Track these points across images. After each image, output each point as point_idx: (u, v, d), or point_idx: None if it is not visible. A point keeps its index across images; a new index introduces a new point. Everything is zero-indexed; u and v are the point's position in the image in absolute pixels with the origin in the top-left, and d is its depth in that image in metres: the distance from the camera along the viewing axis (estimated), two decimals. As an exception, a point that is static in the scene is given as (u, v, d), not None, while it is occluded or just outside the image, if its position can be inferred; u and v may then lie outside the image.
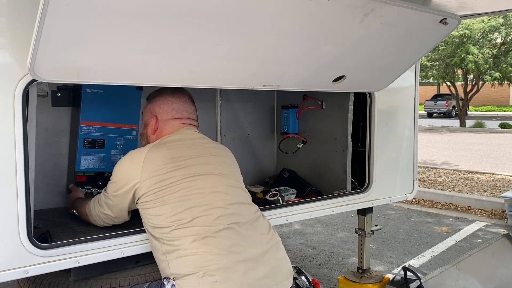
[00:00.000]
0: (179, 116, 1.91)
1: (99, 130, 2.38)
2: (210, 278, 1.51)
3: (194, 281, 1.52)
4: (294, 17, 1.59)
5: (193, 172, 1.71)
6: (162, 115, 1.90)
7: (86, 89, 2.33)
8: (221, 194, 1.72)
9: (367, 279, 3.01)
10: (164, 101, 1.92)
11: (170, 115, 1.90)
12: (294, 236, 5.32)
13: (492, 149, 13.56)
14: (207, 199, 1.67)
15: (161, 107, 1.91)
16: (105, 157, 2.42)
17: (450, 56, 19.02)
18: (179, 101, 1.93)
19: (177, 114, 1.90)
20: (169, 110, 1.90)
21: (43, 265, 1.61)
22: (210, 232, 1.60)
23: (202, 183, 1.70)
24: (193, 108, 1.98)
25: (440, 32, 2.00)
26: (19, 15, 1.50)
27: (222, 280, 1.52)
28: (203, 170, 1.74)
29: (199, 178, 1.71)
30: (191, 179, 1.69)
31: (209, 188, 1.70)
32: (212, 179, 1.74)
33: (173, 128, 1.88)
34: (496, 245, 2.96)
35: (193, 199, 1.65)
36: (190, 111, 1.95)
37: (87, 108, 2.34)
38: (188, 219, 1.61)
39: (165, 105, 1.91)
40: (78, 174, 2.37)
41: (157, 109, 1.92)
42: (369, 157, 2.70)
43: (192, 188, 1.67)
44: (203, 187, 1.69)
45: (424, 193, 7.26)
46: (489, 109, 36.84)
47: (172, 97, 1.92)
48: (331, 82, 2.16)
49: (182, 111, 1.92)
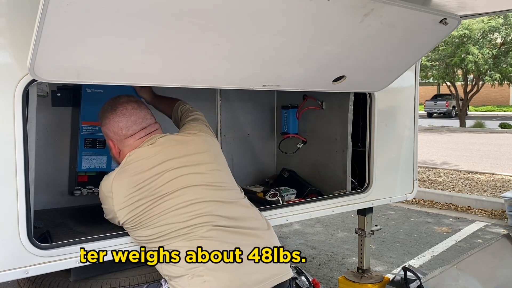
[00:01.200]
0: (130, 133, 1.81)
1: (99, 130, 2.37)
2: (199, 279, 1.54)
3: (185, 282, 1.55)
4: (294, 17, 1.59)
5: (161, 193, 1.67)
6: (115, 138, 1.83)
7: (86, 89, 2.33)
8: (198, 204, 1.68)
9: (367, 279, 3.01)
10: (110, 123, 1.83)
11: (122, 135, 1.81)
12: (294, 236, 5.32)
13: (492, 149, 13.56)
14: (183, 212, 1.65)
15: (110, 129, 1.83)
16: (106, 157, 2.41)
17: (450, 56, 19.02)
18: (124, 118, 1.82)
19: (128, 132, 1.81)
20: (118, 131, 1.81)
21: (43, 265, 1.61)
22: (196, 237, 1.62)
23: (175, 201, 1.67)
24: (142, 114, 1.85)
25: (440, 32, 2.00)
26: (19, 15, 1.50)
27: (211, 279, 1.54)
28: (172, 187, 1.69)
29: (170, 197, 1.67)
30: (161, 200, 1.66)
31: (182, 203, 1.67)
32: (183, 192, 1.69)
33: (131, 147, 1.80)
34: (496, 245, 2.96)
35: (169, 217, 1.64)
36: (140, 120, 1.83)
37: (87, 108, 2.34)
38: (170, 234, 1.63)
39: (113, 126, 1.82)
40: (79, 174, 2.37)
41: (108, 132, 1.85)
42: (369, 157, 2.70)
43: (165, 208, 1.66)
44: (176, 203, 1.66)
45: (424, 193, 7.26)
46: (489, 109, 36.84)
47: (115, 116, 1.82)
48: (331, 82, 2.16)
49: (131, 126, 1.81)
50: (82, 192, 2.37)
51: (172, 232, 1.63)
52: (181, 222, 1.64)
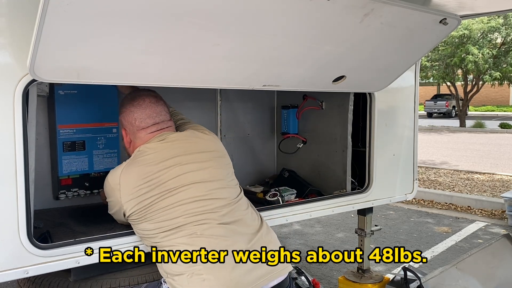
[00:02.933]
0: (143, 125, 1.85)
1: (77, 131, 2.32)
2: (198, 277, 1.55)
3: (184, 281, 1.56)
4: (294, 17, 1.59)
5: (168, 187, 1.70)
6: (129, 128, 1.88)
7: (59, 91, 2.23)
8: (201, 202, 1.71)
9: (367, 279, 3.01)
10: (126, 112, 1.88)
11: (135, 126, 1.85)
12: (294, 236, 5.32)
13: (492, 149, 13.56)
14: (188, 208, 1.68)
15: (125, 118, 1.88)
16: (87, 159, 2.37)
17: (450, 56, 19.01)
18: (140, 109, 1.85)
19: (141, 124, 1.85)
20: (132, 121, 1.85)
21: (43, 265, 1.61)
22: (196, 235, 1.63)
23: (180, 196, 1.69)
24: (158, 110, 1.88)
25: (440, 32, 2.00)
26: (19, 15, 1.50)
27: (210, 278, 1.55)
28: (179, 182, 1.71)
29: (176, 192, 1.70)
30: (168, 195, 1.69)
31: (187, 199, 1.69)
32: (188, 188, 1.72)
33: (142, 140, 1.84)
34: (496, 245, 2.96)
35: (174, 212, 1.67)
36: (154, 115, 1.86)
37: (62, 110, 2.26)
38: (173, 230, 1.65)
39: (128, 116, 1.87)
40: (62, 178, 2.32)
41: (123, 121, 1.90)
42: (369, 157, 2.70)
43: (171, 203, 1.68)
44: (182, 199, 1.69)
45: (424, 193, 7.26)
46: (489, 109, 36.84)
47: (132, 106, 1.86)
48: (331, 82, 2.16)
49: (145, 118, 1.85)
50: (67, 196, 2.33)
51: (174, 228, 1.64)
52: (184, 217, 1.65)
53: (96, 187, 2.43)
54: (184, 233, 1.63)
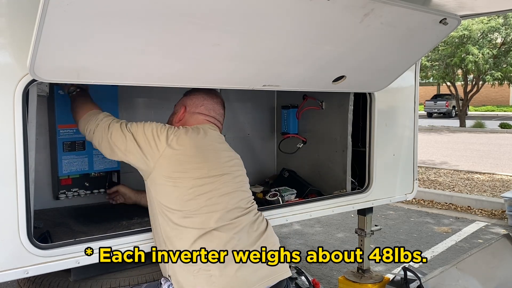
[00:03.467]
0: (206, 112, 1.97)
1: (77, 131, 2.26)
2: (205, 273, 1.56)
3: (190, 276, 1.57)
4: (294, 17, 1.59)
5: (208, 167, 1.76)
6: (191, 107, 1.98)
7: (59, 91, 2.22)
8: (227, 196, 1.75)
9: (367, 279, 3.01)
10: (197, 96, 2.00)
11: (198, 109, 1.97)
12: (294, 236, 5.32)
13: (492, 149, 13.56)
14: (212, 198, 1.71)
15: (192, 100, 2.00)
16: (87, 159, 2.37)
17: (450, 56, 19.01)
18: (211, 100, 2.00)
19: (204, 111, 1.97)
20: (199, 105, 1.98)
21: (43, 265, 1.61)
22: (208, 229, 1.64)
23: (214, 180, 1.75)
24: (221, 112, 2.05)
25: (440, 32, 2.00)
26: (19, 15, 1.50)
27: (217, 274, 1.56)
28: (217, 170, 1.78)
29: (212, 176, 1.75)
30: (205, 173, 1.74)
31: (218, 189, 1.74)
32: (223, 180, 1.78)
33: (197, 122, 1.94)
34: (496, 245, 2.96)
35: (202, 195, 1.70)
36: (218, 112, 2.02)
37: (62, 110, 2.26)
38: (192, 210, 1.66)
39: (197, 99, 1.99)
40: (62, 178, 2.32)
41: (188, 101, 2.00)
42: (369, 157, 2.70)
43: (203, 183, 1.72)
44: (212, 187, 1.73)
45: (424, 193, 7.26)
46: (489, 109, 36.83)
47: (206, 95, 2.00)
48: (331, 82, 2.16)
49: (210, 109, 1.99)
50: (67, 196, 2.33)
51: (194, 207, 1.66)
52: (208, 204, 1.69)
53: (96, 187, 2.43)
54: (197, 225, 1.64)
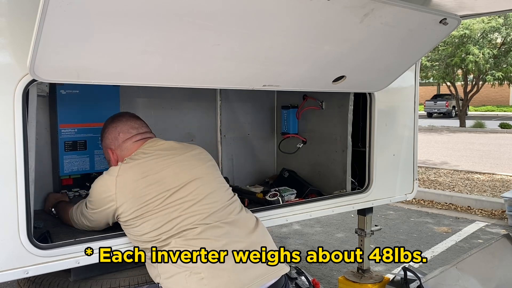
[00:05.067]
0: (127, 136, 1.89)
1: (79, 131, 2.32)
2: (196, 276, 1.56)
3: (182, 280, 1.57)
4: (294, 17, 1.59)
5: (168, 186, 1.71)
6: (113, 144, 1.90)
7: (61, 91, 2.24)
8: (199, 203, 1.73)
9: (367, 279, 3.01)
10: (108, 131, 1.92)
11: (119, 138, 1.89)
12: (294, 236, 5.32)
13: (492, 149, 13.56)
14: (186, 209, 1.69)
15: (108, 138, 1.92)
16: (88, 158, 2.37)
17: (450, 56, 19.01)
18: (121, 123, 1.92)
19: (125, 136, 1.89)
20: (116, 135, 1.90)
21: (43, 265, 1.61)
22: (193, 235, 1.64)
23: (179, 194, 1.71)
24: (138, 123, 1.95)
25: (440, 32, 2.00)
26: (19, 15, 1.50)
27: (209, 276, 1.56)
28: (178, 181, 1.74)
29: (175, 190, 1.72)
30: (166, 193, 1.70)
31: (186, 197, 1.72)
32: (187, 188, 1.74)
33: (130, 150, 1.86)
34: (496, 245, 2.96)
35: (172, 212, 1.68)
36: (136, 126, 1.93)
37: (64, 110, 2.27)
38: (170, 231, 1.65)
39: (111, 133, 1.91)
40: (63, 177, 2.32)
41: (107, 142, 1.93)
42: (369, 157, 2.70)
43: (169, 202, 1.69)
44: (180, 197, 1.71)
45: (424, 193, 7.26)
46: (489, 109, 36.82)
47: (113, 123, 1.93)
48: (331, 82, 2.16)
49: (128, 129, 1.90)
50: (68, 196, 2.32)
51: (171, 229, 1.65)
52: (182, 217, 1.66)
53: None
54: (180, 235, 1.64)
